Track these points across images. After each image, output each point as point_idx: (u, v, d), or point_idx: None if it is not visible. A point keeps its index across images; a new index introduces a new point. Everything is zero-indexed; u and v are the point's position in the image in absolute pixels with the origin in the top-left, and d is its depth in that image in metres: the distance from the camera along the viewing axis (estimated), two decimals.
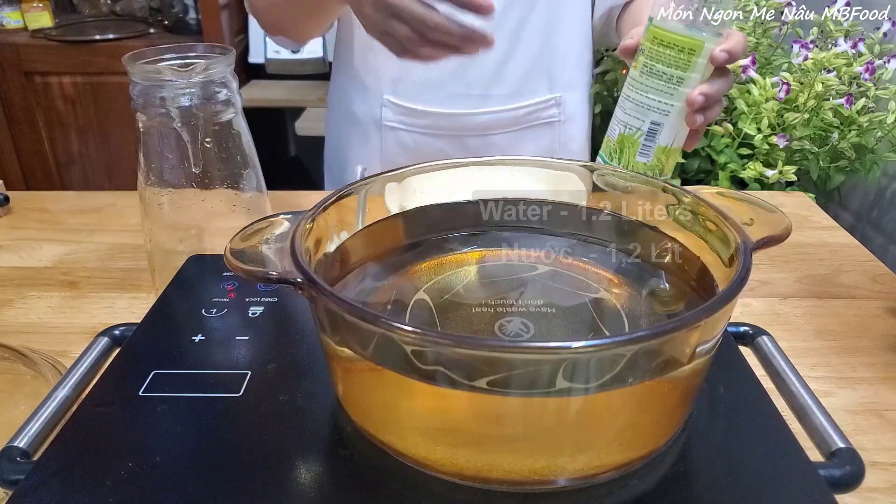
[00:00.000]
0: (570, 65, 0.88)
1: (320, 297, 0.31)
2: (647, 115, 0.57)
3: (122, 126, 1.88)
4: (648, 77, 0.56)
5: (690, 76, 0.54)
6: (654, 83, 0.55)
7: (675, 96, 0.55)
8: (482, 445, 0.32)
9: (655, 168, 0.58)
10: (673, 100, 0.55)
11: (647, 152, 0.57)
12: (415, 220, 0.43)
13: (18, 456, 0.34)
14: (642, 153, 0.57)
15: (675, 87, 0.55)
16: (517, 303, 0.37)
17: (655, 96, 0.56)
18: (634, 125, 0.57)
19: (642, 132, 0.57)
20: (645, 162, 0.57)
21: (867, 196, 1.17)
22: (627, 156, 0.58)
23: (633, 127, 0.57)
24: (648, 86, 0.56)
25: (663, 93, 0.55)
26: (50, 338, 0.56)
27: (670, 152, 0.58)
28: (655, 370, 0.30)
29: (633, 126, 0.57)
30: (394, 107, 0.86)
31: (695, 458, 0.34)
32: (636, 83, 0.57)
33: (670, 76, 0.55)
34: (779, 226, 0.38)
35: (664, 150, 0.57)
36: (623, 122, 0.58)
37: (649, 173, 0.57)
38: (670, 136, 0.57)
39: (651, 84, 0.56)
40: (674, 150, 0.58)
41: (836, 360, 0.55)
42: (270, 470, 0.33)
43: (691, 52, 0.53)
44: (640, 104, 0.57)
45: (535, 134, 0.88)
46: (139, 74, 0.51)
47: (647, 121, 0.57)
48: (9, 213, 0.79)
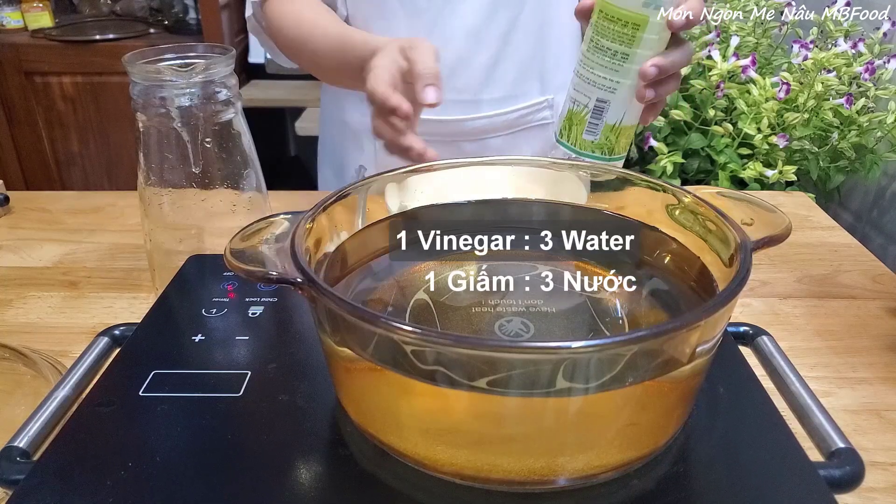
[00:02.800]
0: (562, 66, 0.87)
1: (320, 297, 0.31)
2: (593, 92, 0.54)
3: (122, 126, 1.88)
4: (595, 52, 0.53)
5: (636, 52, 0.52)
6: (599, 59, 0.53)
7: (621, 73, 0.53)
8: (482, 445, 0.32)
9: (604, 147, 0.55)
10: (619, 76, 0.53)
11: (594, 130, 0.55)
12: (415, 220, 0.43)
13: (18, 456, 0.34)
14: (589, 131, 0.55)
15: (619, 64, 0.52)
16: (517, 303, 0.37)
17: (601, 72, 0.53)
18: (581, 101, 0.55)
19: (588, 109, 0.55)
20: (592, 140, 0.55)
21: (867, 196, 1.17)
22: (575, 133, 0.56)
23: (580, 104, 0.55)
24: (594, 61, 0.53)
25: (609, 69, 0.53)
26: (50, 338, 0.56)
27: (620, 130, 0.55)
28: (655, 370, 0.30)
29: (580, 102, 0.55)
30: None
31: (695, 458, 0.34)
32: (584, 58, 0.54)
33: (615, 52, 0.52)
34: (779, 226, 0.38)
35: (612, 129, 0.55)
36: (572, 98, 0.56)
37: (597, 152, 0.55)
38: (618, 113, 0.54)
39: (597, 60, 0.53)
40: (624, 129, 0.56)
41: (836, 360, 0.55)
42: (270, 470, 0.33)
43: (636, 28, 0.51)
44: (587, 80, 0.54)
45: (529, 136, 0.88)
46: (139, 74, 0.51)
47: (592, 97, 0.54)
48: (9, 213, 0.79)
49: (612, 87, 0.53)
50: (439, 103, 0.57)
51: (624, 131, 0.56)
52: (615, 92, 0.53)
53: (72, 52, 1.81)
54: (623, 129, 0.55)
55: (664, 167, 1.09)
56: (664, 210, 0.42)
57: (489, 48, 0.82)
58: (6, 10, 1.90)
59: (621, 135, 0.56)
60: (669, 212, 0.41)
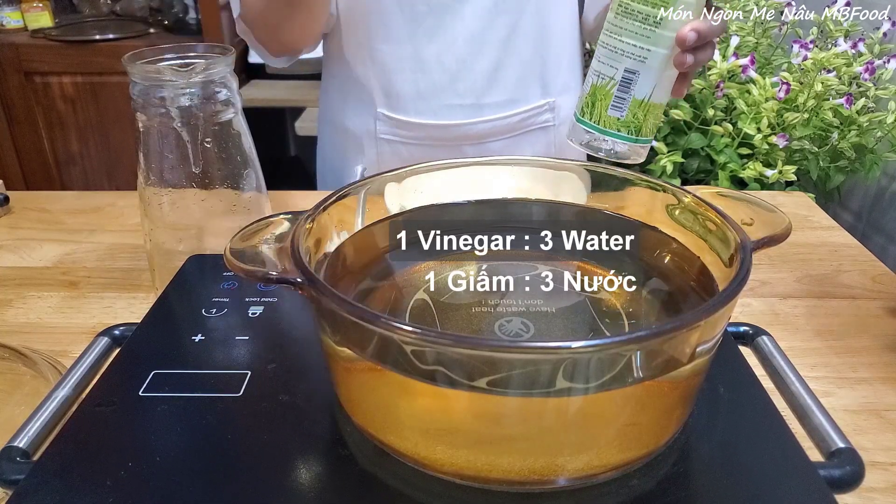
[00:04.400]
0: (563, 69, 0.87)
1: (320, 297, 0.31)
2: (621, 62, 0.49)
3: (122, 126, 1.88)
4: (624, 17, 0.49)
5: (670, 17, 0.48)
6: (629, 24, 0.49)
7: (653, 39, 0.48)
8: (482, 445, 0.32)
9: (631, 125, 0.50)
10: (650, 44, 0.49)
11: (621, 105, 0.50)
12: (415, 220, 0.43)
13: (18, 456, 0.34)
14: (615, 106, 0.50)
15: (652, 30, 0.48)
16: (517, 303, 0.37)
17: (630, 39, 0.49)
18: (607, 74, 0.50)
19: (615, 81, 0.50)
20: (619, 117, 0.50)
21: (867, 196, 1.17)
22: (599, 110, 0.51)
23: (605, 76, 0.51)
24: (623, 28, 0.49)
25: (640, 35, 0.49)
26: (50, 338, 0.56)
27: (649, 107, 0.51)
28: (655, 370, 0.30)
29: (605, 75, 0.51)
30: (387, 119, 0.85)
31: (695, 458, 0.34)
32: (611, 26, 0.50)
33: (647, 15, 0.48)
34: (779, 226, 0.38)
35: (641, 105, 0.50)
36: (596, 72, 0.51)
37: (623, 131, 0.50)
38: (647, 87, 0.50)
39: (626, 26, 0.49)
40: (653, 106, 0.51)
41: (836, 360, 0.55)
42: (270, 470, 0.33)
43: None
44: (614, 49, 0.50)
45: (531, 139, 0.88)
46: (139, 74, 0.51)
47: (620, 68, 0.50)
48: (9, 213, 0.79)
49: (643, 56, 0.49)
50: None
51: (653, 109, 0.51)
52: (645, 61, 0.49)
53: (72, 52, 1.81)
54: (652, 105, 0.51)
55: (664, 167, 1.09)
56: (664, 210, 0.42)
57: (490, 53, 0.82)
58: (6, 10, 1.90)
59: (650, 113, 0.51)
60: (669, 212, 0.41)
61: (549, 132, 0.89)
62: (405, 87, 0.83)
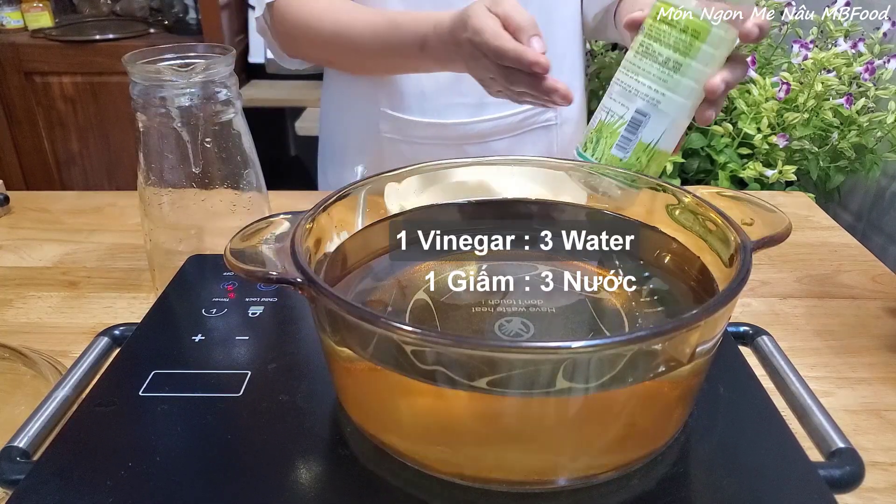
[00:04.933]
0: (566, 68, 0.87)
1: (320, 297, 0.31)
2: (633, 102, 0.48)
3: (122, 126, 1.88)
4: (643, 58, 0.48)
5: (690, 64, 0.47)
6: (647, 65, 0.48)
7: (670, 84, 0.47)
8: (482, 445, 0.32)
9: (632, 168, 0.48)
10: (665, 88, 0.47)
11: (626, 146, 0.48)
12: (415, 220, 0.43)
13: (18, 456, 0.34)
14: (620, 146, 0.49)
15: (670, 74, 0.47)
16: (517, 303, 0.37)
17: (646, 80, 0.48)
18: (617, 112, 0.49)
19: (624, 121, 0.48)
20: (621, 158, 0.48)
21: (867, 196, 1.17)
22: (603, 147, 0.49)
23: (615, 114, 0.49)
24: (641, 67, 0.48)
25: (656, 78, 0.47)
26: (50, 338, 0.56)
27: (653, 153, 0.49)
28: (655, 370, 0.30)
29: (615, 113, 0.49)
30: (391, 118, 0.85)
31: (695, 458, 0.34)
32: (629, 64, 0.49)
33: (667, 59, 0.47)
34: (779, 226, 0.38)
35: (645, 150, 0.48)
36: (606, 108, 0.50)
37: None
38: (657, 132, 0.48)
39: (644, 66, 0.48)
40: (658, 153, 0.49)
41: (836, 360, 0.55)
42: (270, 470, 0.33)
43: (695, 35, 0.46)
44: (628, 88, 0.49)
45: (533, 138, 0.88)
46: (139, 74, 0.51)
47: (631, 108, 0.48)
48: (9, 213, 0.79)
49: (656, 100, 0.48)
50: (546, 51, 0.56)
51: (657, 156, 0.49)
52: (658, 105, 0.48)
53: (72, 52, 1.81)
54: (657, 152, 0.49)
55: (664, 167, 1.09)
56: (664, 210, 0.42)
57: None
58: (6, 10, 1.90)
59: (653, 159, 0.50)
60: (669, 212, 0.41)
61: (552, 131, 0.89)
62: (409, 87, 0.83)
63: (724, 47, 0.47)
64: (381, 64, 0.77)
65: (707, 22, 0.46)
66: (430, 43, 0.66)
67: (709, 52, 0.47)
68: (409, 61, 0.72)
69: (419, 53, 0.68)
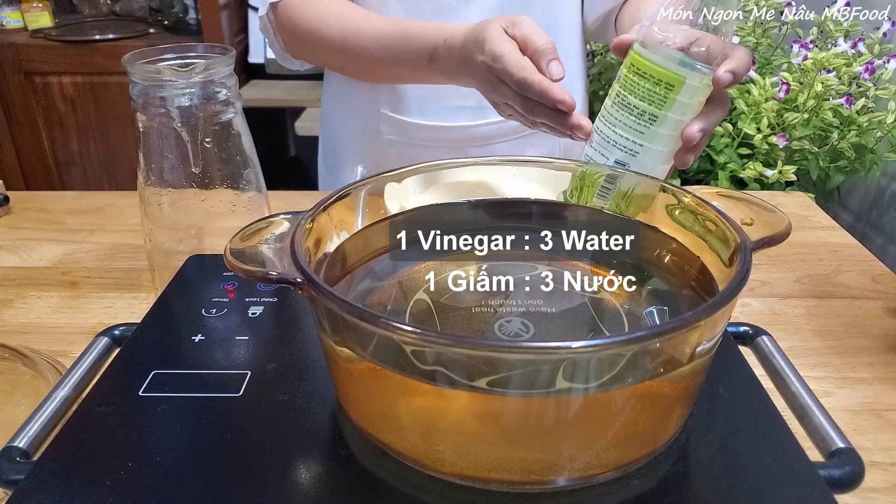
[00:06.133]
0: (568, 70, 0.87)
1: (320, 297, 0.31)
2: (612, 153, 0.49)
3: (122, 126, 1.88)
4: (619, 109, 0.48)
5: (666, 115, 0.47)
6: (623, 117, 0.48)
7: (647, 136, 0.48)
8: (482, 445, 0.32)
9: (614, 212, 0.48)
10: (643, 139, 0.48)
11: (606, 195, 0.48)
12: (415, 220, 0.43)
13: (18, 456, 0.34)
14: (600, 195, 0.49)
15: (646, 126, 0.48)
16: (517, 303, 0.37)
17: (623, 132, 0.48)
18: (598, 161, 0.50)
19: (602, 174, 0.48)
20: (602, 205, 0.48)
21: (867, 196, 1.17)
22: (586, 196, 0.50)
23: (595, 163, 0.50)
24: (618, 119, 0.48)
25: (633, 130, 0.48)
26: (50, 338, 0.56)
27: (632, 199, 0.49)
28: (655, 370, 0.30)
29: (595, 162, 0.50)
30: (391, 120, 0.85)
31: (695, 458, 0.34)
32: (606, 114, 0.50)
33: (642, 112, 0.47)
34: (779, 226, 0.38)
35: (624, 196, 0.48)
36: (587, 156, 0.51)
37: None
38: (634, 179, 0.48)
39: (621, 118, 0.48)
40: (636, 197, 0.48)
41: (836, 360, 0.55)
42: (270, 470, 0.33)
43: (669, 88, 0.46)
44: (607, 139, 0.49)
45: (536, 140, 0.88)
46: (139, 74, 0.51)
47: (610, 158, 0.49)
48: (9, 213, 0.79)
49: (634, 151, 0.48)
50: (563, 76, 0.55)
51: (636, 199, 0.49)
52: (636, 156, 0.49)
53: (72, 52, 1.81)
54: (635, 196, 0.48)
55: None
56: (664, 210, 0.42)
57: None
58: (6, 10, 1.90)
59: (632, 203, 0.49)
60: (669, 212, 0.41)
61: None
62: (410, 89, 0.83)
63: (699, 94, 0.47)
64: (389, 73, 0.77)
65: (680, 74, 0.46)
66: (440, 56, 0.65)
67: (684, 101, 0.47)
68: (418, 73, 0.71)
69: (427, 66, 0.67)
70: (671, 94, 0.46)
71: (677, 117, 0.47)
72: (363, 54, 0.74)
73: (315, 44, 0.78)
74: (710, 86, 0.47)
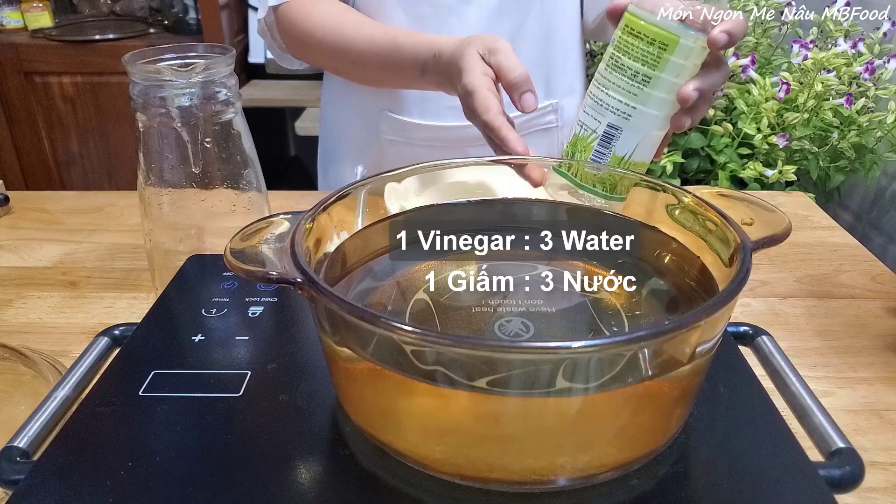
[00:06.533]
0: (567, 70, 0.87)
1: (320, 297, 0.31)
2: (605, 116, 0.48)
3: (122, 126, 1.88)
4: (612, 71, 0.47)
5: (660, 76, 0.46)
6: (617, 79, 0.47)
7: (640, 97, 0.47)
8: (482, 445, 0.32)
9: (606, 182, 0.47)
10: (636, 101, 0.47)
11: (600, 160, 0.48)
12: (415, 220, 0.43)
13: (18, 456, 0.34)
14: (594, 160, 0.49)
15: (639, 87, 0.46)
16: (517, 303, 0.37)
17: (617, 94, 0.47)
18: (590, 126, 0.49)
19: (597, 135, 0.48)
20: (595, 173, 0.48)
21: (867, 196, 1.17)
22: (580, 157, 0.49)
23: (588, 128, 0.49)
24: (611, 82, 0.47)
25: (626, 92, 0.47)
26: (50, 338, 0.56)
27: (628, 166, 0.48)
28: (655, 370, 0.30)
29: (588, 127, 0.49)
30: (391, 120, 0.85)
31: (695, 458, 0.34)
32: (600, 77, 0.49)
33: (635, 72, 0.46)
34: (779, 226, 0.38)
35: (620, 162, 0.48)
36: (580, 122, 0.50)
37: (598, 187, 0.47)
38: (630, 145, 0.48)
39: (614, 80, 0.47)
40: (633, 165, 0.49)
41: (836, 360, 0.55)
42: (270, 470, 0.33)
43: (663, 48, 0.45)
44: (599, 102, 0.48)
45: (534, 140, 0.88)
46: (139, 74, 0.51)
47: (603, 122, 0.48)
48: (9, 213, 0.79)
49: (627, 113, 0.47)
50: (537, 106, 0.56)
51: (632, 167, 0.49)
52: (629, 119, 0.48)
53: (72, 52, 1.81)
54: (632, 164, 0.49)
55: (664, 167, 1.09)
56: (664, 210, 0.42)
57: None
58: (6, 10, 1.90)
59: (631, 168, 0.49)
60: (669, 212, 0.41)
61: (553, 133, 0.89)
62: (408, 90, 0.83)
63: (694, 56, 0.46)
64: (385, 79, 0.77)
65: (674, 33, 0.45)
66: (430, 70, 0.66)
67: (678, 62, 0.46)
68: (411, 82, 0.72)
69: (419, 77, 0.68)
70: (665, 54, 0.45)
71: (671, 79, 0.46)
72: (358, 62, 0.74)
73: (313, 48, 0.78)
74: (706, 48, 0.46)
